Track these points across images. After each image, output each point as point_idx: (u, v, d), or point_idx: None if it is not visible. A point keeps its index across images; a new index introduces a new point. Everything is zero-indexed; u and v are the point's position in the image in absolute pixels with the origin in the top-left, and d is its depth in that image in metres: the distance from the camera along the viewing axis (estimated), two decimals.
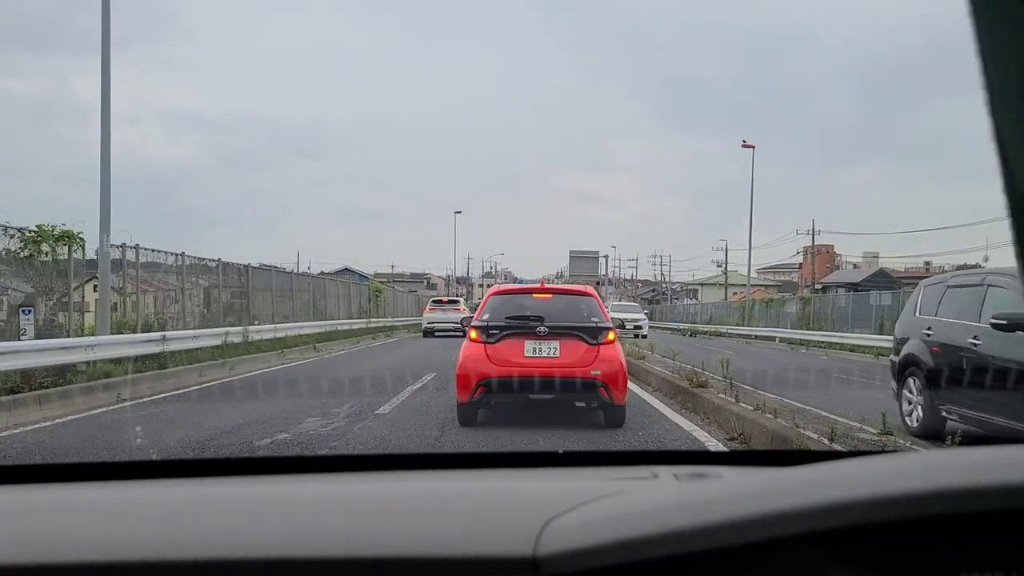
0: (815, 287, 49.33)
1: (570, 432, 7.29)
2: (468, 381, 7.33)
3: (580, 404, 7.63)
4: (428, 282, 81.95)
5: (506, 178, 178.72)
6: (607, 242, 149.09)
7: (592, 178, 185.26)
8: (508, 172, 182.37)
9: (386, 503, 1.03)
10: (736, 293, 59.73)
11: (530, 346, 7.37)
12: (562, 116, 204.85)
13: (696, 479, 1.10)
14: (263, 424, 7.75)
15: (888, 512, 0.66)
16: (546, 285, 9.25)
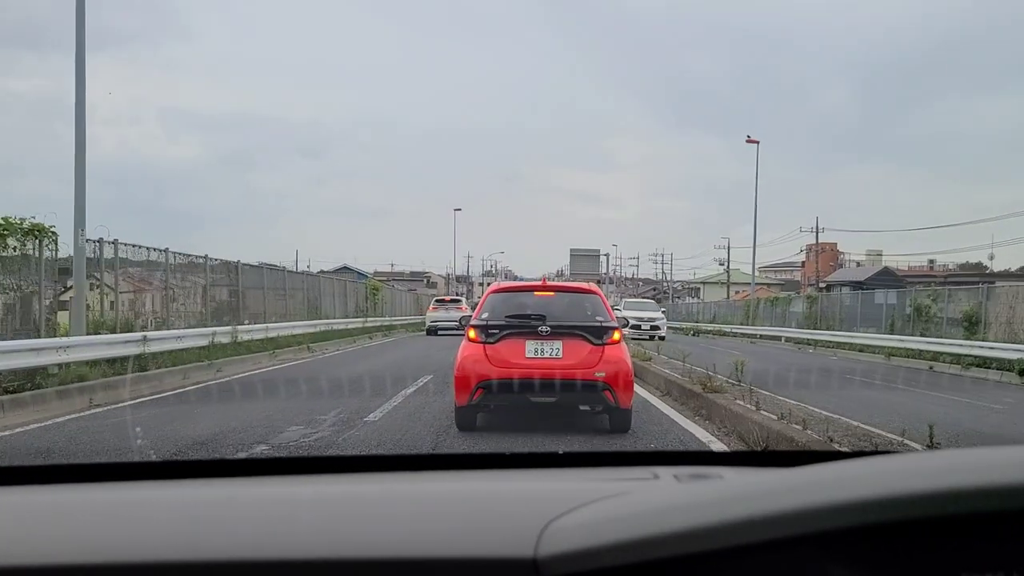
0: (819, 285, 48.72)
1: (575, 437, 6.99)
2: (466, 383, 6.98)
3: (584, 407, 7.41)
4: (428, 280, 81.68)
5: (506, 177, 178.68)
6: (608, 241, 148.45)
7: (593, 177, 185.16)
8: (508, 171, 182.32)
9: (386, 504, 1.02)
10: (738, 292, 59.48)
11: (531, 346, 7.02)
12: (563, 115, 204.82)
13: (697, 480, 1.09)
14: (241, 433, 7.18)
15: (889, 513, 0.65)
16: (548, 282, 8.70)
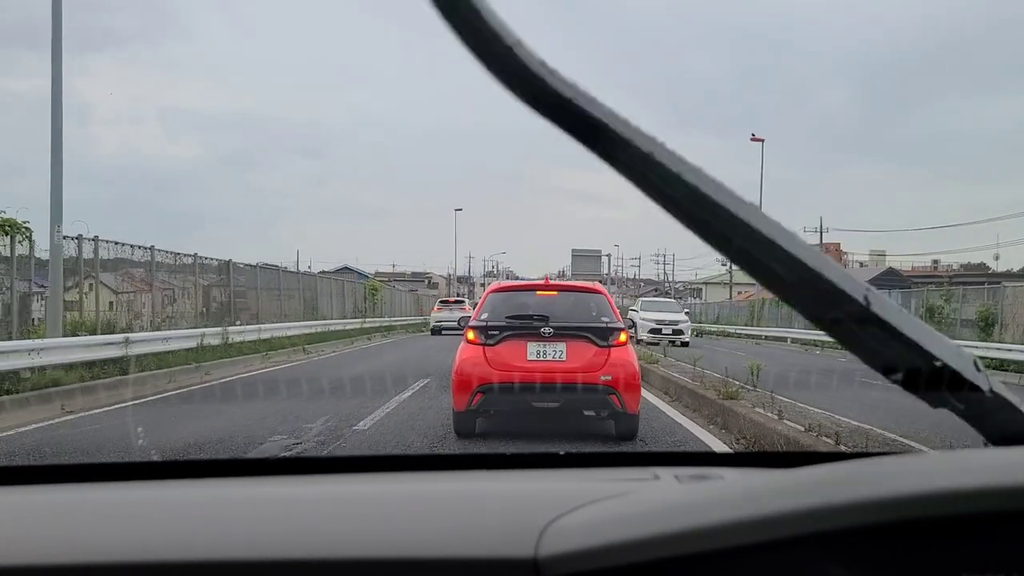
0: None
1: (579, 445, 6.72)
2: (465, 387, 6.61)
3: (589, 412, 7.05)
4: (429, 281, 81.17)
5: (508, 177, 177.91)
6: (609, 242, 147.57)
7: (594, 177, 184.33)
8: (510, 171, 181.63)
9: (386, 504, 1.01)
10: (741, 292, 58.92)
11: (533, 348, 6.66)
12: None
13: (698, 480, 1.08)
14: (217, 444, 6.59)
15: (890, 514, 0.65)
16: (551, 281, 8.10)
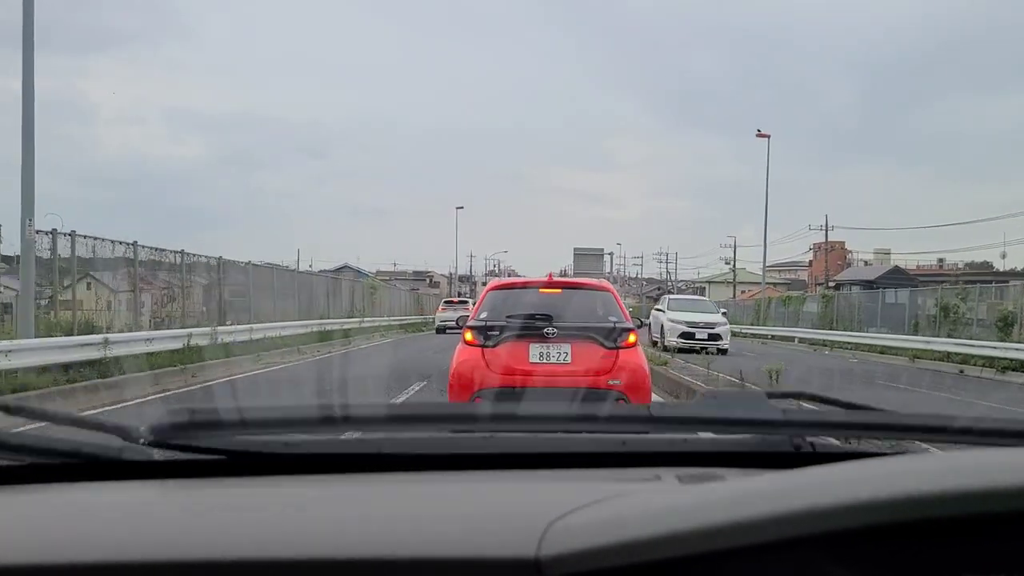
0: (828, 284, 47.49)
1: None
2: (462, 392, 6.15)
3: None
4: (431, 280, 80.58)
5: (508, 177, 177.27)
6: (611, 241, 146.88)
7: (595, 177, 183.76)
8: (510, 171, 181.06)
9: (387, 504, 1.00)
10: (744, 291, 58.32)
11: (536, 350, 6.19)
12: (565, 115, 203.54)
13: (699, 481, 1.06)
14: None
15: (891, 514, 0.65)
16: (555, 278, 7.38)
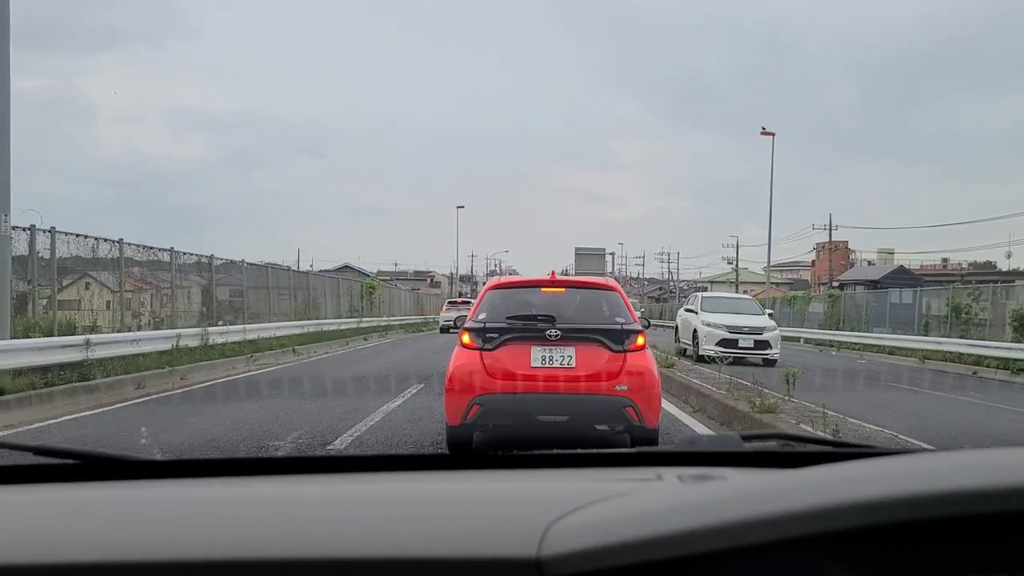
0: (832, 284, 46.94)
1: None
2: (460, 399, 5.70)
3: (601, 427, 5.91)
4: (432, 280, 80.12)
5: (509, 177, 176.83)
6: (612, 240, 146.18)
7: (596, 177, 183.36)
8: (511, 171, 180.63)
9: (388, 504, 1.00)
10: (746, 291, 57.76)
11: (538, 353, 5.75)
12: (565, 115, 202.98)
13: (701, 481, 1.07)
14: None
15: (893, 514, 0.65)
16: (558, 277, 6.83)
